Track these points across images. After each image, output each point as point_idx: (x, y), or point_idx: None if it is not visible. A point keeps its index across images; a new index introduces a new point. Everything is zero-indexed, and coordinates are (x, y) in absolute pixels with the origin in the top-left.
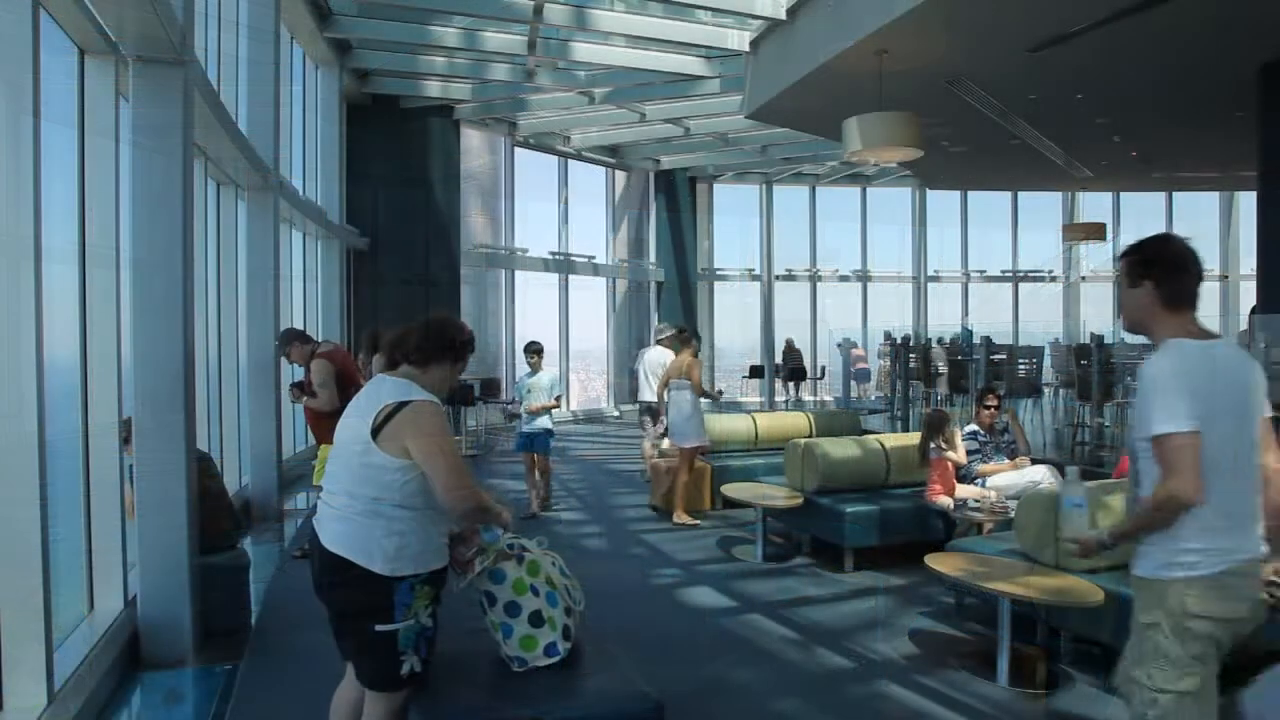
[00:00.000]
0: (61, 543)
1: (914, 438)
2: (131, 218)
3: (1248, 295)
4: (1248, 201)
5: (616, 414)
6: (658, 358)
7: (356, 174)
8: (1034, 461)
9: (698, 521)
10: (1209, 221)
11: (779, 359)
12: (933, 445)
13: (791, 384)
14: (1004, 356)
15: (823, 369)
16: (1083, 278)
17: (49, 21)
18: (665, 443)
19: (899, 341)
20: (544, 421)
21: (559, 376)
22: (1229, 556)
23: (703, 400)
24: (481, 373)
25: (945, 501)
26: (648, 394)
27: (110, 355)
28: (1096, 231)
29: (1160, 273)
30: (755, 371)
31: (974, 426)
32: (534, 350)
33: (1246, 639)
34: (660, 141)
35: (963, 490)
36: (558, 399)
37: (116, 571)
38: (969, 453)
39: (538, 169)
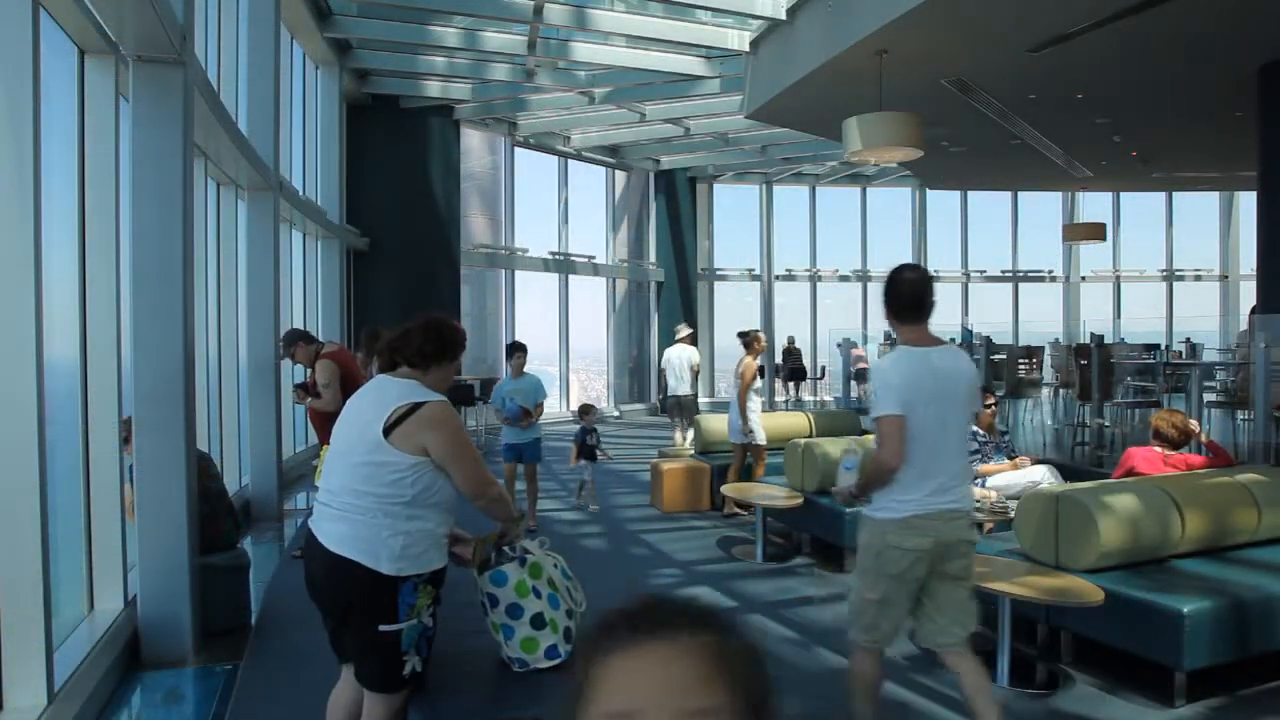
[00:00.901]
0: (61, 543)
1: None
2: (131, 218)
3: (1248, 295)
4: (1248, 201)
5: (617, 414)
6: (683, 354)
7: (356, 174)
8: (1034, 461)
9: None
10: (1209, 221)
11: (779, 359)
12: None
13: (791, 384)
14: (1003, 356)
15: (823, 369)
16: (1083, 278)
17: (49, 21)
18: (678, 440)
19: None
20: (534, 430)
21: (551, 379)
22: (919, 505)
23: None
24: (482, 373)
25: None
26: (675, 389)
27: (110, 355)
28: (1096, 231)
29: (888, 298)
30: None
31: (973, 427)
32: (519, 349)
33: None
34: (660, 141)
35: None
36: (538, 406)
37: (116, 571)
38: (968, 453)
39: (538, 169)
